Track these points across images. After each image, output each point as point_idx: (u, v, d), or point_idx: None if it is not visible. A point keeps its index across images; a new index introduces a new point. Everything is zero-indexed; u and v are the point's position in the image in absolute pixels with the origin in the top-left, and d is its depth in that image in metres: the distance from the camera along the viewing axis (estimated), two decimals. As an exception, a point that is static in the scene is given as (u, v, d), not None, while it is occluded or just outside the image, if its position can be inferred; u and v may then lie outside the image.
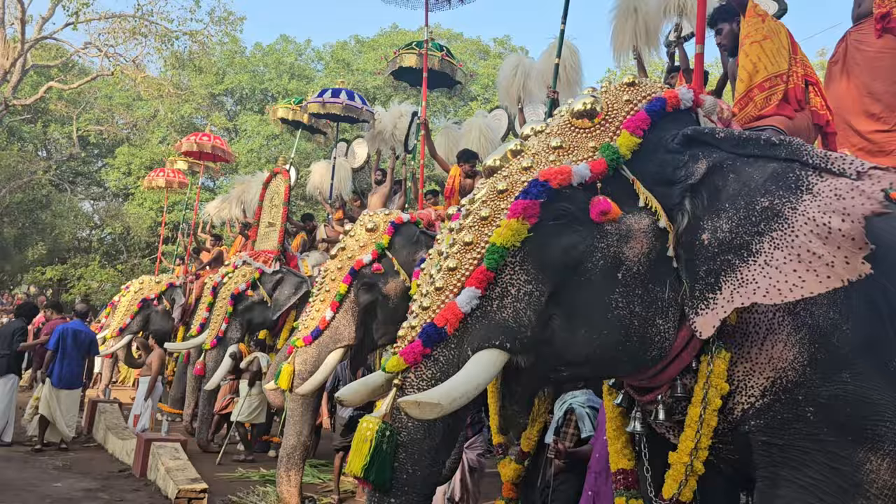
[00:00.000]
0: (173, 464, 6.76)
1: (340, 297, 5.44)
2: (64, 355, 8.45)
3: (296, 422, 5.59)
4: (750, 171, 2.48)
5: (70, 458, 8.09)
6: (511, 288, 2.41)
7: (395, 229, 5.65)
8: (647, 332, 2.51)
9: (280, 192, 9.21)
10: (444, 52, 9.31)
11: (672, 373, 2.67)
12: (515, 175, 2.53)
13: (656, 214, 2.50)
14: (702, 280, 2.48)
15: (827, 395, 2.49)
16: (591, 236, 2.44)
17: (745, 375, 2.58)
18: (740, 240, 2.43)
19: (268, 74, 24.52)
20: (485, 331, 2.39)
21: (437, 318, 2.41)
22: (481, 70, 25.11)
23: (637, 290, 2.47)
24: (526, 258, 2.42)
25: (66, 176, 25.69)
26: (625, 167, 2.50)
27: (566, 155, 2.54)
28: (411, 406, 2.24)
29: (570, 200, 2.43)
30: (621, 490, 3.09)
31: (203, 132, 13.48)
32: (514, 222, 2.38)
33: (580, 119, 2.60)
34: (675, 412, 2.76)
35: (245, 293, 8.41)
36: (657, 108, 2.60)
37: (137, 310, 11.18)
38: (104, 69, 20.26)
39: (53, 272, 23.70)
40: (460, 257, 2.48)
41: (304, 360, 5.45)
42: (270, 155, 21.24)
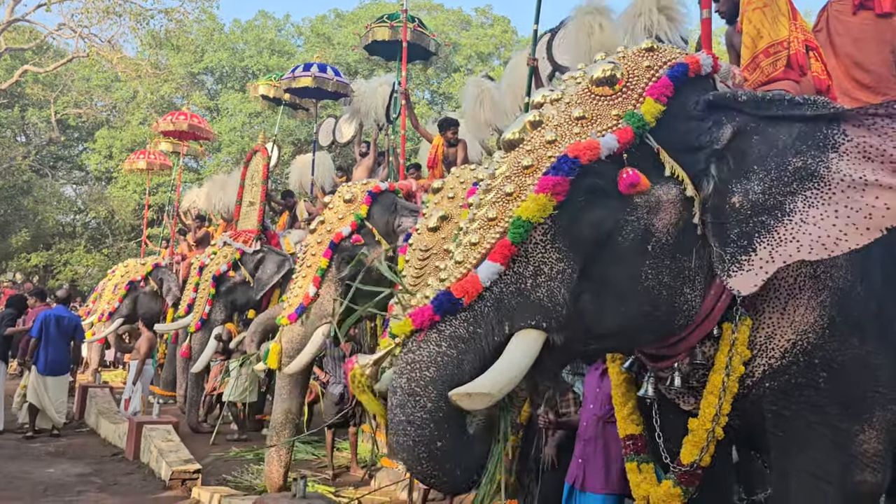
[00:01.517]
0: (166, 445, 6.76)
1: (322, 271, 5.38)
2: (48, 342, 8.41)
3: (283, 399, 5.55)
4: (775, 132, 2.49)
5: (62, 444, 8.08)
6: (544, 266, 2.34)
7: (372, 199, 5.57)
8: (675, 302, 2.50)
9: (259, 171, 9.11)
10: (417, 23, 9.18)
11: (693, 341, 2.68)
12: (540, 150, 2.45)
13: (682, 183, 2.46)
14: (734, 243, 2.47)
15: (840, 361, 2.55)
16: (620, 210, 2.40)
17: (767, 339, 2.61)
18: (774, 200, 2.44)
19: (247, 51, 24.17)
20: (522, 310, 2.32)
21: (454, 287, 2.32)
22: (463, 41, 24.86)
23: (666, 260, 2.45)
24: (557, 236, 2.36)
25: (46, 161, 25.35)
26: (649, 136, 2.45)
27: (590, 125, 2.46)
28: (462, 398, 2.16)
29: (599, 175, 2.37)
30: (632, 455, 3.07)
31: (180, 111, 13.26)
32: (541, 197, 2.31)
33: (601, 87, 2.52)
34: (691, 379, 2.77)
35: (227, 274, 8.37)
36: (679, 74, 2.55)
37: (125, 293, 11.09)
38: (80, 51, 19.88)
39: (39, 258, 23.48)
40: (483, 232, 2.41)
41: (291, 339, 5.40)
42: (253, 133, 21.00)
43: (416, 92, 24.13)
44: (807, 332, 2.56)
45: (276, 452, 5.51)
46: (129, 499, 5.90)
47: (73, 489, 6.15)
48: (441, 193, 4.45)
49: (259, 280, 8.37)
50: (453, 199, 4.34)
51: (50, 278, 24.07)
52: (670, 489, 2.83)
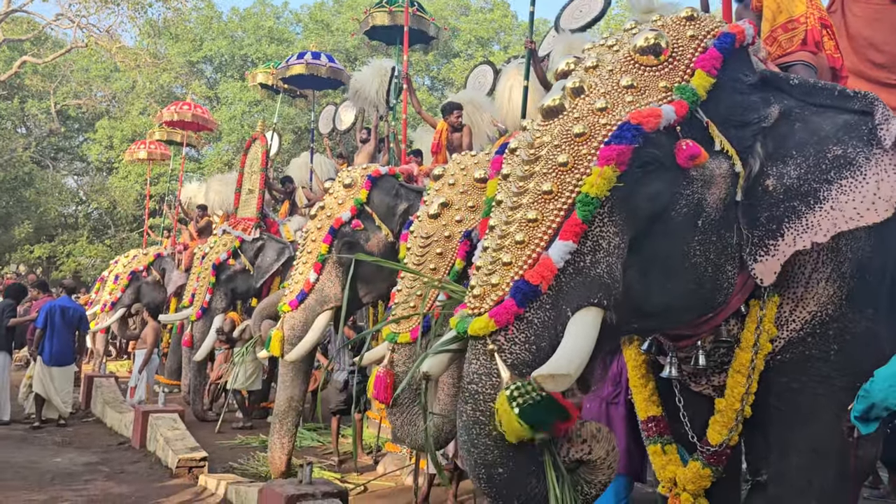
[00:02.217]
0: (172, 434, 6.80)
1: (322, 257, 5.35)
2: (53, 332, 8.43)
3: (287, 387, 5.55)
4: (819, 121, 2.48)
5: (69, 434, 8.13)
6: (602, 241, 2.25)
7: (372, 183, 5.52)
8: (718, 279, 2.47)
9: (258, 158, 9.09)
10: (416, 7, 9.12)
11: (720, 319, 2.65)
12: (591, 117, 2.33)
13: (731, 158, 2.43)
14: (762, 226, 2.46)
15: (853, 332, 2.57)
16: (676, 183, 2.34)
17: (790, 312, 2.61)
18: (808, 187, 2.43)
19: (246, 40, 24.04)
20: (582, 289, 2.22)
21: (528, 273, 2.19)
22: (463, 26, 24.71)
23: (713, 236, 2.42)
24: (614, 209, 2.26)
25: (47, 152, 25.33)
26: (699, 109, 2.40)
27: (640, 95, 2.37)
28: (546, 380, 2.07)
29: (657, 145, 2.30)
30: (655, 437, 3.02)
31: (183, 101, 13.24)
32: (607, 170, 2.20)
33: (645, 55, 2.42)
34: (712, 357, 2.75)
35: (227, 262, 8.37)
36: (728, 45, 2.48)
37: (128, 283, 11.13)
38: (78, 41, 19.77)
39: (41, 250, 23.51)
40: (540, 208, 2.27)
41: (293, 326, 5.40)
42: (253, 122, 20.93)
43: (416, 78, 24.02)
44: (826, 304, 2.57)
45: (278, 440, 5.52)
46: (136, 487, 5.93)
47: (80, 478, 6.20)
48: (442, 180, 4.42)
49: (259, 268, 8.38)
50: (454, 185, 4.32)
51: (53, 270, 24.13)
52: (700, 470, 2.80)
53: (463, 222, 4.18)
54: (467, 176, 4.32)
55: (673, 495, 2.93)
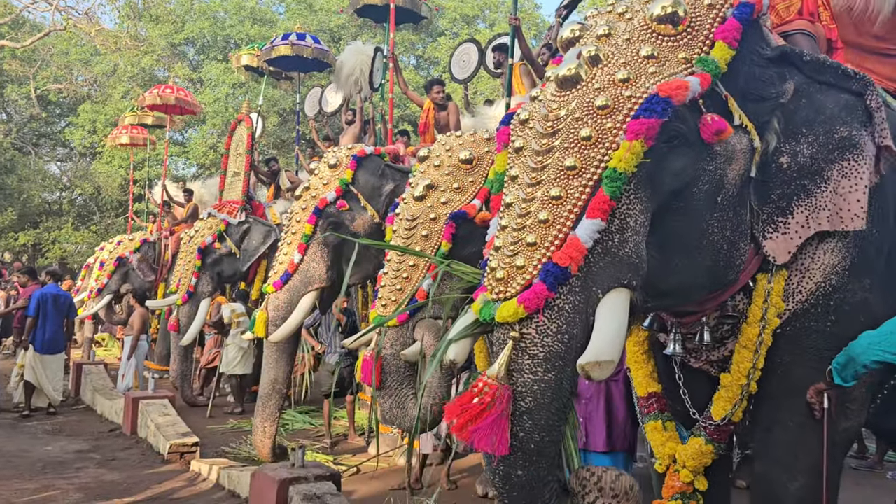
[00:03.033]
0: (163, 420, 6.79)
1: (307, 238, 5.32)
2: (45, 320, 8.37)
3: (270, 369, 5.51)
4: (822, 99, 2.48)
5: (59, 422, 8.10)
6: (629, 219, 2.17)
7: (357, 163, 5.47)
8: (732, 256, 2.45)
9: (244, 141, 9.00)
10: None
11: (727, 294, 2.63)
12: (613, 88, 2.23)
13: (750, 133, 2.40)
14: (773, 203, 2.46)
15: (851, 303, 2.58)
16: (700, 158, 2.30)
17: (797, 283, 2.60)
18: (817, 166, 2.44)
19: (229, 20, 23.71)
20: (612, 270, 2.14)
21: (557, 255, 2.10)
22: (448, 4, 24.45)
23: (729, 213, 2.40)
24: (640, 185, 2.18)
25: (28, 138, 24.99)
26: (719, 83, 2.34)
27: (662, 67, 2.28)
28: (594, 367, 1.99)
29: (682, 119, 2.23)
30: (655, 413, 2.99)
31: (166, 84, 13.06)
32: (636, 144, 2.12)
33: (663, 24, 2.33)
34: (716, 333, 2.74)
35: (212, 246, 8.30)
36: (746, 16, 2.41)
37: (114, 269, 11.04)
38: (56, 24, 19.47)
39: (26, 237, 23.27)
40: (564, 184, 2.17)
41: (277, 307, 5.37)
42: (237, 104, 20.72)
43: (402, 57, 23.80)
44: (830, 274, 2.58)
45: (260, 423, 5.48)
46: (128, 473, 5.92)
47: (72, 466, 6.18)
48: (427, 162, 4.38)
49: (245, 251, 8.33)
50: (439, 167, 4.28)
51: (39, 257, 23.91)
52: (702, 446, 2.78)
53: (448, 204, 4.15)
54: (452, 157, 4.28)
55: (672, 472, 2.91)
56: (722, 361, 2.79)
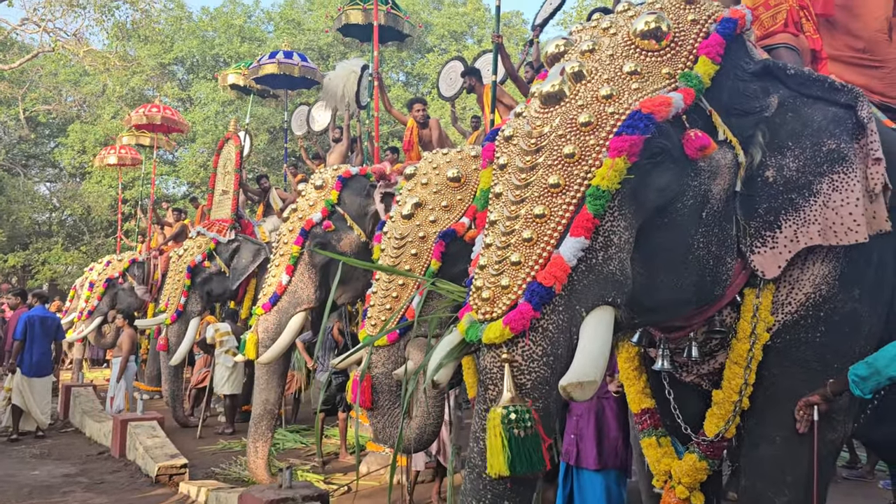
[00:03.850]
0: (151, 442, 6.73)
1: (294, 259, 5.37)
2: (32, 343, 8.31)
3: (262, 390, 5.54)
4: (810, 112, 2.47)
5: (47, 445, 8.02)
6: (613, 236, 2.16)
7: (343, 183, 5.53)
8: (718, 271, 2.44)
9: (232, 159, 9.01)
10: (390, 4, 9.10)
11: (714, 309, 2.61)
12: (596, 105, 2.23)
13: (734, 148, 2.39)
14: (760, 217, 2.44)
15: (841, 313, 2.55)
16: (684, 174, 2.29)
17: (786, 295, 2.57)
18: (805, 179, 2.42)
19: (217, 39, 23.79)
20: (596, 288, 2.13)
21: (541, 275, 2.09)
22: (436, 20, 24.63)
23: (715, 228, 2.39)
24: (624, 202, 2.17)
25: (17, 159, 24.91)
26: (703, 98, 2.34)
27: (645, 83, 2.28)
28: (575, 388, 1.98)
29: (666, 135, 2.22)
30: (649, 429, 2.96)
31: (152, 103, 13.07)
32: (619, 161, 2.11)
33: (646, 40, 2.34)
34: (705, 348, 2.71)
35: (202, 265, 8.26)
36: (730, 31, 2.42)
37: (104, 290, 10.99)
38: (45, 45, 19.46)
39: (16, 259, 23.12)
40: (547, 202, 2.17)
41: (266, 328, 5.40)
42: (227, 122, 20.74)
43: (391, 74, 23.93)
44: (821, 284, 2.55)
45: (252, 444, 5.53)
46: (116, 497, 5.86)
47: (59, 490, 6.11)
48: (414, 179, 4.39)
49: (235, 270, 8.30)
50: (427, 185, 4.29)
51: (29, 278, 23.76)
52: (696, 462, 2.75)
53: (437, 222, 4.15)
54: (440, 175, 4.29)
55: (668, 488, 2.88)
56: (712, 374, 2.76)
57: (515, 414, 2.01)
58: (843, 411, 2.62)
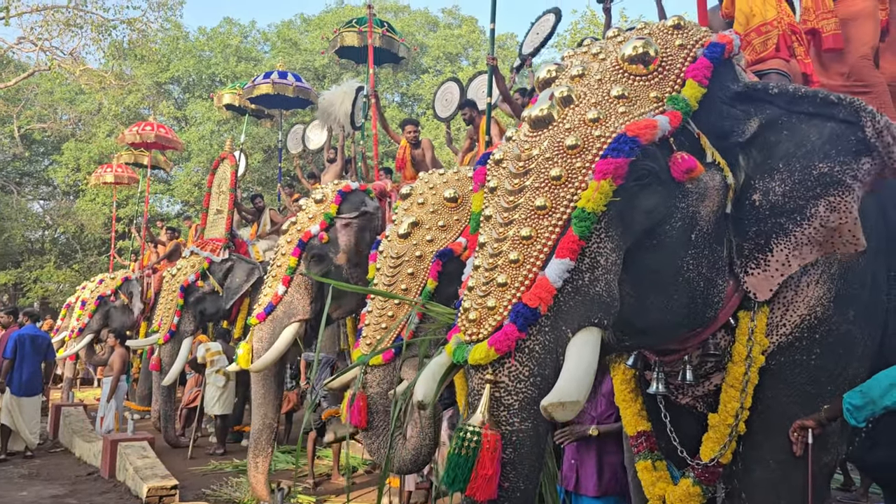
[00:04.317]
0: (141, 462, 6.66)
1: (291, 270, 5.38)
2: (22, 362, 8.24)
3: (259, 404, 5.55)
4: (805, 130, 2.43)
5: (36, 465, 7.93)
6: (600, 258, 2.17)
7: (342, 198, 5.56)
8: (709, 293, 2.43)
9: (227, 178, 9.02)
10: (385, 27, 9.21)
11: (708, 332, 2.60)
12: (583, 128, 2.25)
13: (723, 170, 2.40)
14: (751, 240, 2.45)
15: (835, 335, 2.55)
16: (672, 196, 2.29)
17: (780, 317, 2.57)
18: (794, 204, 2.41)
19: (214, 59, 23.89)
20: (582, 309, 2.14)
21: (526, 296, 2.10)
22: (431, 42, 24.81)
23: (705, 250, 2.39)
24: (610, 224, 2.19)
25: (11, 177, 24.85)
26: (690, 121, 2.35)
27: (632, 106, 2.31)
28: (557, 408, 1.97)
29: (653, 158, 2.24)
30: (645, 453, 2.92)
31: (146, 121, 13.09)
32: (604, 184, 2.13)
33: (634, 64, 2.36)
34: (699, 371, 2.70)
35: (195, 284, 8.23)
36: (717, 55, 2.43)
37: (95, 308, 10.90)
38: (41, 64, 19.49)
39: (7, 277, 23.01)
40: (534, 224, 2.19)
41: (260, 338, 5.40)
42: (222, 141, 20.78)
43: (386, 95, 24.05)
44: (815, 306, 2.54)
45: (252, 460, 5.51)
46: (105, 518, 5.80)
47: (47, 512, 6.04)
48: (410, 199, 4.42)
49: (228, 289, 8.27)
50: (423, 204, 4.32)
51: (20, 296, 23.61)
52: (690, 487, 2.72)
53: (434, 242, 4.17)
54: (437, 195, 4.32)
55: None
56: (707, 396, 2.75)
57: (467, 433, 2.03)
58: (837, 434, 2.62)
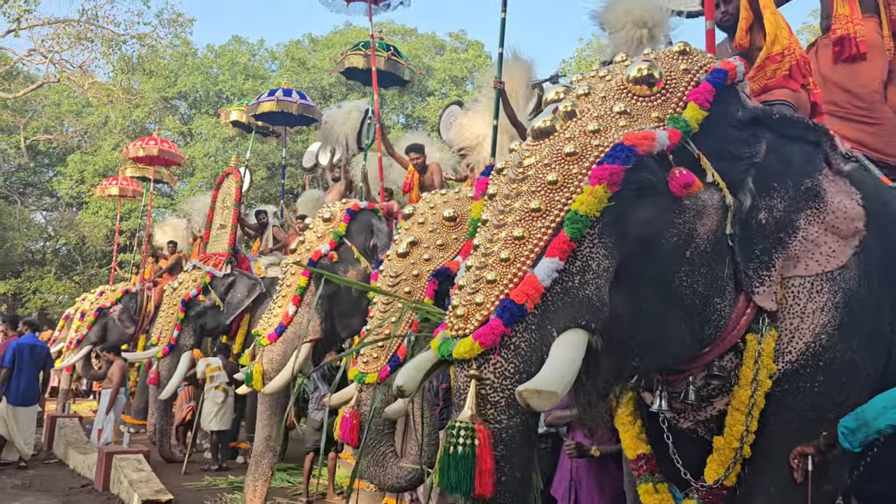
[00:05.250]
0: (136, 476, 6.63)
1: (301, 290, 5.38)
2: (21, 371, 8.23)
3: (264, 426, 5.52)
4: (790, 152, 2.59)
5: (29, 476, 7.90)
6: (591, 262, 2.20)
7: (351, 216, 5.60)
8: (706, 312, 2.47)
9: (231, 194, 9.06)
10: (391, 51, 9.33)
11: (714, 354, 2.62)
12: (583, 138, 2.32)
13: (722, 191, 2.45)
14: (757, 258, 2.52)
15: (840, 363, 2.58)
16: (668, 211, 2.34)
17: (787, 343, 2.60)
18: (789, 218, 2.55)
19: (221, 76, 24.09)
20: (570, 310, 2.16)
21: (514, 292, 2.13)
22: (437, 65, 25.03)
23: (702, 268, 2.42)
24: (605, 230, 2.23)
25: (15, 187, 24.96)
26: (690, 141, 2.41)
27: (633, 122, 2.38)
28: (532, 395, 1.98)
29: (650, 170, 2.28)
30: (646, 476, 2.92)
31: (151, 136, 13.18)
32: (598, 189, 2.18)
33: (638, 85, 2.45)
34: (703, 392, 2.71)
35: (196, 298, 8.23)
36: (720, 80, 2.51)
37: (94, 319, 10.90)
38: (50, 76, 19.66)
39: (7, 287, 22.99)
40: (527, 226, 2.24)
41: (271, 359, 5.38)
42: (227, 157, 20.90)
43: (392, 116, 24.22)
44: (820, 334, 2.58)
45: (251, 482, 5.47)
46: (98, 531, 5.76)
47: (40, 523, 6.01)
48: (412, 219, 4.47)
49: (229, 304, 8.28)
50: (423, 224, 4.36)
51: (19, 306, 23.58)
52: None
53: (431, 261, 4.20)
54: (437, 215, 4.36)
55: None
56: (709, 421, 2.77)
57: (459, 430, 2.04)
58: (839, 462, 2.62)
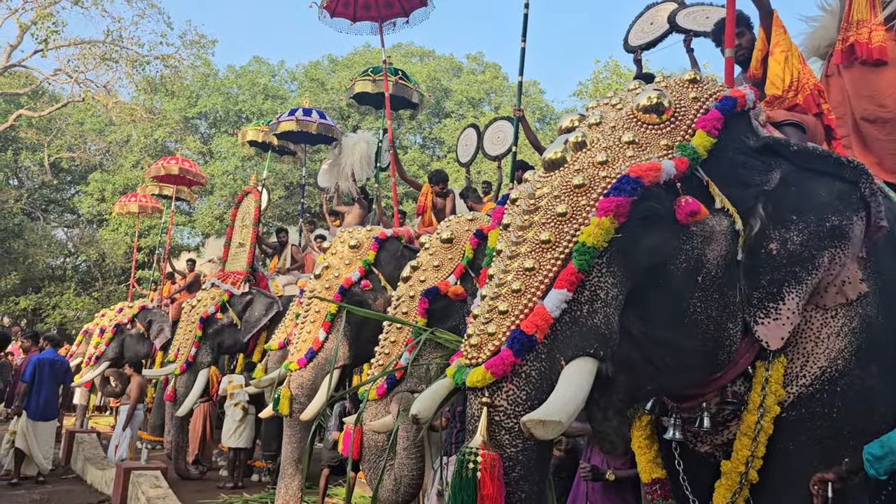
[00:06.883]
0: (154, 492, 6.65)
1: (332, 316, 5.43)
2: (41, 386, 8.30)
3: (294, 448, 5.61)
4: (814, 187, 2.56)
5: (48, 491, 7.94)
6: (600, 292, 2.26)
7: (379, 245, 5.66)
8: (720, 337, 2.48)
9: (250, 213, 9.16)
10: (399, 76, 9.45)
11: (726, 379, 2.64)
12: (591, 169, 2.38)
13: (732, 217, 2.48)
14: (763, 288, 2.51)
15: (858, 389, 2.58)
16: (676, 238, 2.37)
17: (801, 367, 2.61)
18: (808, 253, 2.51)
19: (241, 96, 24.42)
20: (578, 339, 2.22)
21: (524, 323, 2.20)
22: (455, 87, 25.23)
23: (714, 293, 2.44)
24: (613, 260, 2.28)
25: (38, 204, 25.35)
26: (699, 168, 2.46)
27: (641, 151, 2.43)
28: (537, 426, 2.04)
29: (657, 199, 2.33)
30: (659, 501, 2.97)
31: (172, 156, 13.38)
32: (605, 221, 2.24)
33: (648, 114, 2.50)
34: (717, 418, 2.73)
35: (214, 316, 8.28)
36: (729, 108, 2.55)
37: (112, 336, 11.02)
38: (75, 95, 20.08)
39: (27, 302, 23.28)
40: (538, 257, 2.31)
41: (301, 384, 5.42)
42: (246, 176, 21.14)
43: (409, 136, 24.42)
44: (836, 359, 2.59)
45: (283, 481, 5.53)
46: (114, 547, 5.79)
47: (57, 538, 6.06)
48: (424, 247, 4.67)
49: (247, 322, 8.32)
50: (427, 248, 4.58)
51: (38, 322, 23.86)
52: None
53: (426, 282, 4.38)
54: (437, 238, 4.57)
55: None
56: (727, 445, 2.77)
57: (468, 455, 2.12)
58: (860, 490, 2.60)
